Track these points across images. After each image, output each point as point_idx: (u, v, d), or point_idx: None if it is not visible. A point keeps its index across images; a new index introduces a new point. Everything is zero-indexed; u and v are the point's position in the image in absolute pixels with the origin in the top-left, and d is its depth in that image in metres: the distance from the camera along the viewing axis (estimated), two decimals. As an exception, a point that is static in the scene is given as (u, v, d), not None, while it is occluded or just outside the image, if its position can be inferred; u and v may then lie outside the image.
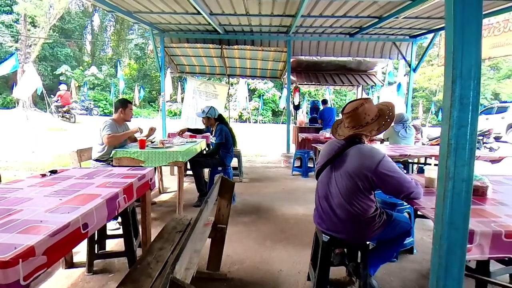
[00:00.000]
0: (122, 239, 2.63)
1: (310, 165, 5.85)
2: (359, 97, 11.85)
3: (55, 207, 1.40)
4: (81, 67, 32.16)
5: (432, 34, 6.23)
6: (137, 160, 3.13)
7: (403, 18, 5.05)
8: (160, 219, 3.38)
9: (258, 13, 5.11)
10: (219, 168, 4.00)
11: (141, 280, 1.45)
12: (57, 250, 1.16)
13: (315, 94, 28.07)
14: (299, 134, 6.37)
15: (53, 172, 2.07)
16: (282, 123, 27.58)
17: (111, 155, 3.20)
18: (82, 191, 1.66)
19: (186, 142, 3.78)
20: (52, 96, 20.09)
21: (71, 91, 24.91)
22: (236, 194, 4.27)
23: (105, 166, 3.32)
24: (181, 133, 4.31)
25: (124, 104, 3.49)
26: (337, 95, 29.53)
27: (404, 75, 10.52)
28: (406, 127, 4.75)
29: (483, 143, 7.91)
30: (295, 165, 5.87)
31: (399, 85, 9.25)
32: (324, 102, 7.45)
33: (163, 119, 6.94)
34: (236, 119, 27.45)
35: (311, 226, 3.25)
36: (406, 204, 2.52)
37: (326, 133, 5.53)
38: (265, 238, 2.92)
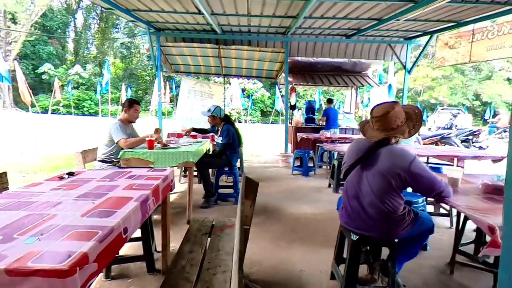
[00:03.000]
0: (134, 243, 2.57)
1: (310, 164, 5.89)
2: (348, 97, 12.03)
3: (90, 211, 1.35)
4: (64, 66, 31.20)
5: (426, 36, 6.39)
6: (146, 161, 3.06)
7: (401, 20, 5.15)
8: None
9: (260, 13, 5.10)
10: (226, 169, 3.96)
11: (180, 284, 1.41)
12: (105, 257, 1.11)
13: (303, 94, 28.34)
14: (298, 134, 6.40)
15: (70, 174, 1.99)
16: (271, 123, 27.71)
17: (118, 156, 3.11)
18: (110, 194, 1.60)
19: (193, 143, 3.72)
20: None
21: (55, 90, 24.18)
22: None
23: (112, 167, 3.23)
24: (187, 133, 4.24)
25: (129, 104, 3.40)
26: (324, 95, 29.87)
27: (395, 73, 10.78)
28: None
29: (473, 142, 8.19)
30: (295, 165, 5.89)
31: (389, 86, 9.46)
32: (330, 101, 7.45)
33: (159, 119, 6.82)
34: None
35: (322, 225, 3.28)
36: (421, 202, 2.58)
37: (327, 133, 5.58)
38: (279, 238, 2.91)
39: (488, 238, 2.62)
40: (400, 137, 1.83)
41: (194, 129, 4.28)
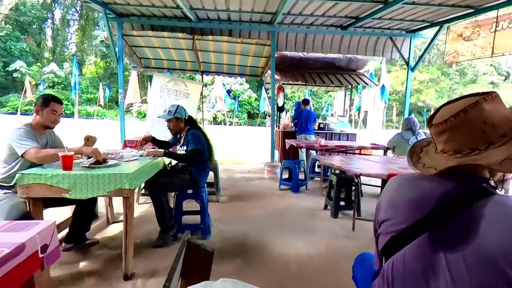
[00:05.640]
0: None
1: (301, 176, 4.94)
2: (338, 98, 11.08)
3: None
4: (38, 64, 29.36)
5: (432, 29, 5.56)
6: (58, 188, 2.00)
7: (409, 4, 4.28)
8: (98, 273, 2.25)
9: (239, -8, 4.12)
10: (189, 191, 2.93)
11: None
12: None
13: (291, 96, 27.48)
14: (286, 140, 5.43)
15: None
16: (258, 125, 26.79)
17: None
18: None
19: (140, 156, 2.67)
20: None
21: (26, 89, 22.51)
22: (212, 221, 3.24)
23: (11, 195, 2.16)
24: (144, 142, 3.10)
25: (44, 102, 2.34)
26: (313, 97, 29.19)
27: (388, 72, 10.01)
28: (418, 135, 3.98)
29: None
30: (282, 177, 4.92)
31: (382, 87, 8.65)
32: (306, 102, 6.52)
33: (122, 123, 5.72)
34: (211, 121, 26.29)
35: (321, 278, 2.31)
36: None
37: (322, 140, 4.62)
38: (260, 308, 1.90)
39: None
40: (494, 169, 0.85)
41: (154, 140, 3.17)
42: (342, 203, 3.66)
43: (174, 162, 3.31)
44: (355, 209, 3.19)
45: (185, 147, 2.87)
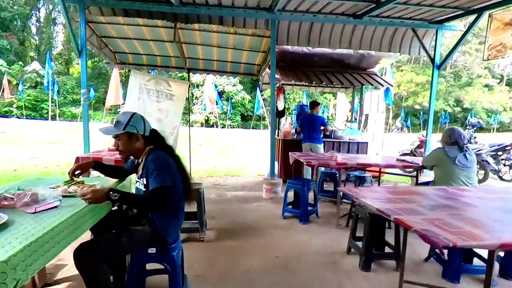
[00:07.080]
0: None
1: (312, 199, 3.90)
2: (342, 102, 10.13)
3: None
4: (20, 63, 27.83)
5: (462, 19, 4.62)
6: None
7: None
8: None
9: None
10: (152, 250, 1.86)
11: None
12: None
13: (287, 98, 26.47)
14: (290, 154, 4.38)
15: None
16: (252, 128, 25.76)
17: None
18: None
19: (62, 199, 1.59)
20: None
21: (4, 89, 21.10)
22: (191, 281, 2.18)
23: None
24: (79, 172, 1.94)
25: None
26: (308, 99, 28.18)
27: (392, 77, 9.12)
28: (466, 151, 2.98)
29: (501, 159, 6.55)
30: (287, 202, 3.87)
31: (387, 90, 7.77)
32: (313, 105, 5.52)
33: (85, 130, 4.61)
34: (203, 124, 25.17)
35: None
36: None
37: (338, 155, 3.58)
38: None
39: None
40: None
41: (99, 165, 2.08)
42: (377, 252, 2.63)
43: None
44: (401, 265, 2.15)
45: (144, 181, 1.80)
